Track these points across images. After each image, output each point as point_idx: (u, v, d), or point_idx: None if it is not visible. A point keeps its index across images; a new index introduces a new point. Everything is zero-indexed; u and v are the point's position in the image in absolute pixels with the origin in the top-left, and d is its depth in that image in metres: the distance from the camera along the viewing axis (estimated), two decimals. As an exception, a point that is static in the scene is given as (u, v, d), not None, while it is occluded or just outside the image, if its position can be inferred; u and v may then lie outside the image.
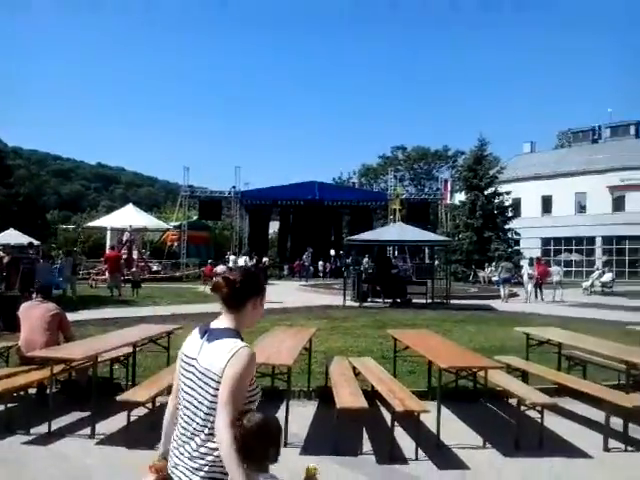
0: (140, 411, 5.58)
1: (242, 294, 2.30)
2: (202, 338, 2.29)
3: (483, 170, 38.87)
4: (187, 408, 2.25)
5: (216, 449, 2.11)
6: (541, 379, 6.78)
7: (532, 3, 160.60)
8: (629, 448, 5.34)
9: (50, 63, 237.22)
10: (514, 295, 23.07)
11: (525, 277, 23.31)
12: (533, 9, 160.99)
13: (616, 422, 5.46)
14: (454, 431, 5.76)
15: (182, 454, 2.21)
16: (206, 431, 2.16)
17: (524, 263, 27.94)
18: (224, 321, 2.31)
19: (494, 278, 31.66)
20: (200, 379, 2.21)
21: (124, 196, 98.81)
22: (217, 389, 2.14)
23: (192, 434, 2.20)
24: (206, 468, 2.14)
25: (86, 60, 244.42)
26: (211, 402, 2.16)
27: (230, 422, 2.08)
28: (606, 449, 5.34)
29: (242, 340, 2.22)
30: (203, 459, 2.15)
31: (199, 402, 2.20)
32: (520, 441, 5.37)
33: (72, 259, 19.86)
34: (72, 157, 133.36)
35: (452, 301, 18.78)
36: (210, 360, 2.19)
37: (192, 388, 2.24)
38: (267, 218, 44.87)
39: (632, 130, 54.42)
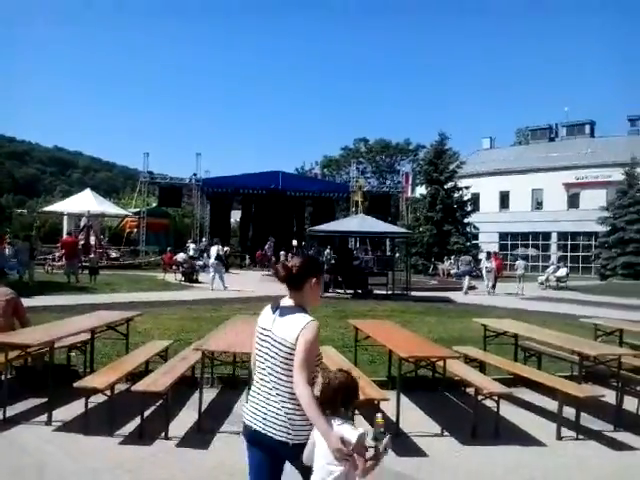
0: (98, 398, 5.50)
1: (299, 278, 2.86)
2: (274, 313, 2.84)
3: (443, 164, 39.38)
4: (263, 369, 2.79)
5: (288, 404, 2.67)
6: (498, 369, 6.95)
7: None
8: (580, 436, 5.53)
9: (8, 39, 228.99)
10: (473, 288, 23.52)
11: (484, 270, 24.10)
12: (493, 6, 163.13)
13: (569, 412, 5.62)
14: (413, 419, 5.86)
15: (259, 406, 2.76)
16: (280, 389, 2.70)
17: (482, 257, 28.47)
18: (291, 300, 2.87)
19: (453, 271, 32.30)
20: (274, 346, 2.75)
21: (81, 181, 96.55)
22: (290, 354, 2.68)
23: (268, 393, 2.74)
24: (282, 418, 2.67)
25: (44, 37, 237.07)
26: (284, 365, 2.70)
27: (308, 380, 2.60)
28: (559, 437, 5.51)
29: (309, 315, 2.77)
30: (280, 411, 2.69)
31: (274, 364, 2.74)
32: (477, 429, 5.50)
33: (29, 244, 19.31)
34: (27, 139, 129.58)
35: (412, 293, 19.02)
36: (284, 331, 2.73)
37: (267, 354, 2.78)
38: (229, 207, 44.47)
39: (587, 129, 55.91)
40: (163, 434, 5.15)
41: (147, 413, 5.43)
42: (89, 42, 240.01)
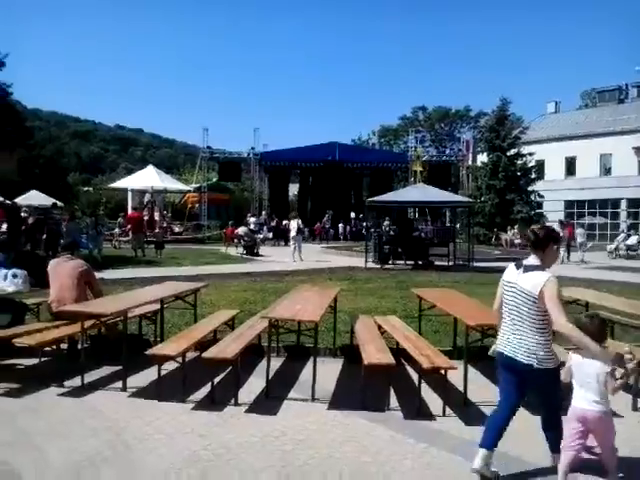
0: (170, 365, 5.67)
1: (543, 242, 3.82)
2: (517, 270, 3.88)
3: (505, 131, 38.16)
4: (511, 312, 3.87)
5: (532, 338, 3.73)
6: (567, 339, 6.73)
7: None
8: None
9: (69, 23, 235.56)
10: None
11: None
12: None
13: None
14: (480, 389, 5.77)
15: (510, 338, 3.85)
16: (525, 327, 3.76)
17: (554, 225, 27.62)
18: (533, 260, 3.84)
19: (517, 241, 31.48)
20: (520, 296, 3.77)
21: (143, 158, 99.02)
22: (533, 302, 3.69)
23: (517, 328, 3.81)
24: (527, 347, 3.74)
25: (103, 21, 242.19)
26: (528, 309, 3.74)
27: (566, 317, 3.57)
28: (635, 408, 5.32)
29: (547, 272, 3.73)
30: (526, 342, 3.75)
31: (521, 310, 3.78)
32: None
33: (95, 219, 20.05)
34: (91, 119, 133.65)
35: (474, 264, 18.67)
36: (528, 284, 3.73)
37: (514, 302, 3.83)
38: (287, 180, 44.70)
39: (661, 89, 52.83)
40: (233, 400, 5.27)
41: (217, 380, 5.56)
42: (146, 22, 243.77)
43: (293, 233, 22.13)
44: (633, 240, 26.80)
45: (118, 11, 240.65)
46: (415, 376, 5.73)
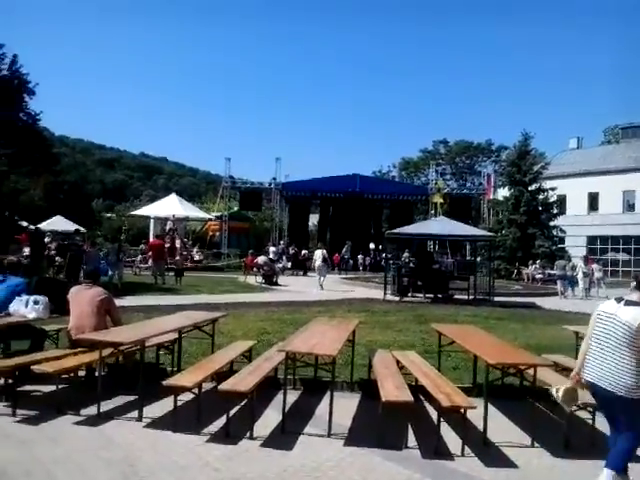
0: (186, 396, 5.64)
1: None
2: (619, 304, 4.21)
3: (527, 165, 38.00)
4: (607, 341, 4.16)
5: (627, 370, 4.01)
6: None
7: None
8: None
9: (92, 55, 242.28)
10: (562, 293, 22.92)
11: (580, 274, 23.95)
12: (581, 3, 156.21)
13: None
14: (501, 429, 5.65)
15: (604, 370, 4.12)
16: (625, 359, 4.02)
17: (578, 261, 27.50)
18: (635, 296, 4.23)
19: (538, 275, 31.13)
20: (618, 327, 4.09)
21: (166, 186, 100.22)
22: (631, 334, 4.01)
23: (614, 360, 4.07)
24: (627, 380, 4.00)
25: (131, 52, 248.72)
26: (626, 340, 4.03)
27: None
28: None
29: None
30: (625, 375, 4.01)
31: (617, 340, 4.08)
32: (570, 441, 5.22)
33: (118, 246, 20.22)
34: (116, 146, 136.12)
35: (495, 298, 18.44)
36: (628, 317, 4.06)
37: (610, 332, 4.15)
38: (307, 210, 44.89)
39: (684, 126, 52.42)
40: (248, 433, 5.22)
41: (233, 412, 5.52)
42: (172, 52, 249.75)
43: (319, 262, 22.37)
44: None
45: (142, 42, 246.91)
46: (434, 414, 5.63)
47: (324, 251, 23.17)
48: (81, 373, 6.44)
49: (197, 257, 33.26)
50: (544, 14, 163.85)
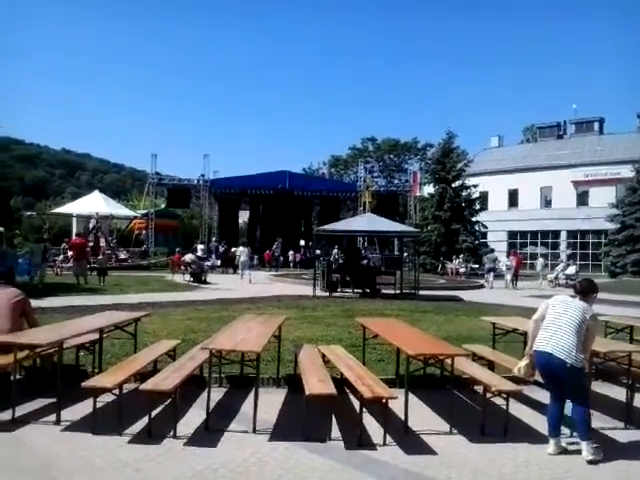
0: (107, 398, 5.50)
1: (588, 292, 5.27)
2: (573, 298, 5.16)
3: (451, 163, 39.27)
4: (564, 323, 4.99)
5: (578, 344, 4.90)
6: (507, 368, 6.89)
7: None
8: (574, 434, 5.45)
9: (14, 43, 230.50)
10: (481, 286, 23.87)
11: (503, 267, 25.89)
12: (499, 5, 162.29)
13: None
14: (421, 417, 5.83)
15: (560, 343, 4.90)
16: (575, 336, 4.90)
17: (500, 255, 29.04)
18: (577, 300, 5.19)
19: (461, 269, 32.27)
20: (576, 312, 5.01)
21: (90, 183, 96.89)
22: (583, 319, 4.96)
23: (569, 337, 4.90)
24: (576, 352, 4.85)
25: (50, 39, 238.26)
26: (578, 323, 4.94)
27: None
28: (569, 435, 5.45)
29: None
30: (574, 348, 4.86)
31: (573, 322, 4.96)
32: (486, 427, 5.46)
33: (43, 246, 19.32)
34: (36, 142, 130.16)
35: (420, 292, 18.95)
36: (582, 307, 5.06)
37: (568, 314, 5.02)
38: (237, 207, 44.60)
39: (596, 126, 55.49)
40: (171, 433, 5.15)
41: (155, 412, 5.43)
42: (94, 45, 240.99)
43: (243, 258, 24.75)
44: (572, 270, 27.84)
45: (65, 32, 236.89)
46: (358, 406, 5.74)
47: (248, 248, 25.89)
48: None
49: (122, 256, 32.39)
50: (463, 22, 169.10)
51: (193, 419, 5.59)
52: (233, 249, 33.37)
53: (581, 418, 4.94)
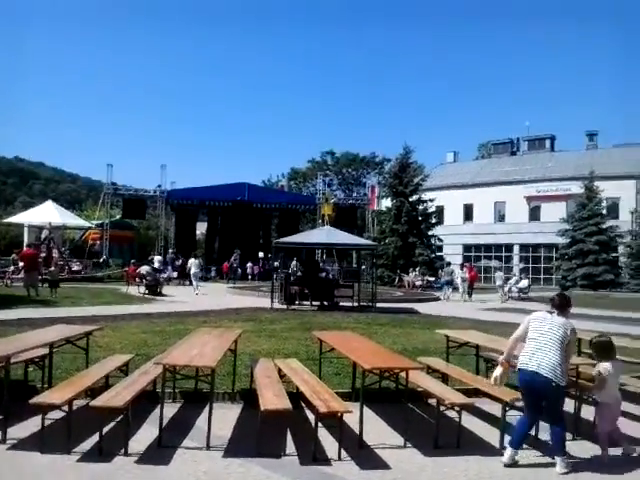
0: (56, 414, 5.35)
1: (565, 307, 5.41)
2: (551, 315, 5.27)
3: (408, 177, 39.85)
4: (545, 340, 5.07)
5: (562, 361, 5.00)
6: (460, 381, 7.01)
7: (455, 19, 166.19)
8: (524, 446, 5.59)
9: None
10: (437, 299, 24.34)
11: (459, 280, 26.22)
12: (454, 24, 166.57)
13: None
14: (376, 431, 5.87)
15: (544, 360, 4.97)
16: (558, 352, 4.99)
17: (456, 268, 29.58)
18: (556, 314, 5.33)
19: (417, 282, 32.68)
20: (556, 328, 5.11)
21: (43, 192, 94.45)
22: (565, 335, 5.06)
23: (552, 354, 4.98)
24: (559, 369, 4.95)
25: (5, 46, 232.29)
26: (560, 340, 5.04)
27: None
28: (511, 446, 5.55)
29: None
30: (558, 366, 4.94)
31: (555, 338, 5.05)
32: (439, 440, 5.52)
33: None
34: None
35: (378, 304, 19.09)
36: (562, 323, 5.15)
37: (550, 331, 5.11)
38: (194, 218, 44.15)
39: (547, 144, 57.40)
40: (123, 450, 5.03)
41: (106, 429, 5.31)
42: (46, 53, 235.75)
43: (194, 269, 25.59)
44: (524, 283, 28.51)
45: (18, 38, 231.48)
46: (313, 420, 5.73)
47: (199, 259, 27.68)
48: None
49: (75, 267, 31.60)
50: (418, 39, 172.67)
51: (145, 436, 5.48)
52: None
53: (559, 435, 5.07)
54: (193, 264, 25.92)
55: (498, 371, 5.57)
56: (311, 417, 6.06)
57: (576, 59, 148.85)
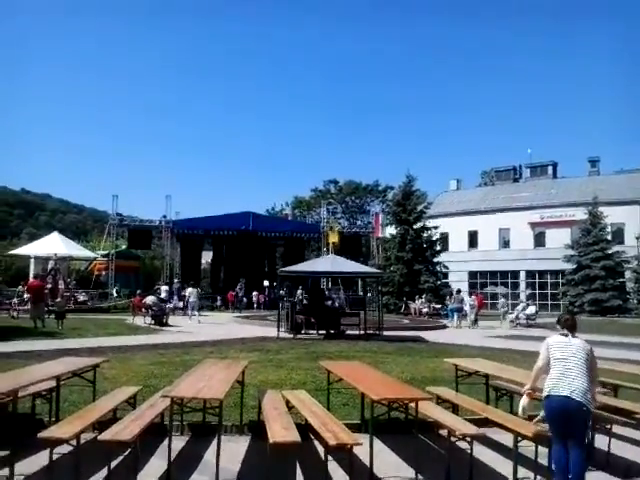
0: (64, 448, 5.32)
1: (575, 326, 5.37)
2: (567, 337, 5.21)
3: (411, 205, 40.00)
4: (572, 364, 4.99)
5: (590, 384, 4.96)
6: (470, 411, 6.94)
7: (454, 48, 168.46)
8: (538, 477, 5.51)
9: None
10: (444, 327, 24.26)
11: (467, 307, 26.30)
12: (457, 49, 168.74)
13: (542, 451, 5.59)
14: (387, 463, 5.80)
15: (574, 385, 4.88)
16: (586, 376, 4.94)
17: (465, 295, 29.66)
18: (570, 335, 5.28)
19: (424, 309, 32.54)
20: (580, 351, 5.06)
21: (49, 224, 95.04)
22: (588, 356, 5.05)
23: (581, 377, 4.92)
24: (589, 393, 4.90)
25: (9, 79, 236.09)
26: (586, 362, 5.01)
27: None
28: (514, 477, 5.48)
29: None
30: (588, 390, 4.90)
31: (581, 361, 5.00)
32: (451, 472, 5.45)
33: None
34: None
35: (385, 332, 19.01)
36: (582, 345, 5.14)
37: (574, 355, 5.03)
38: (199, 248, 44.25)
39: (550, 170, 57.59)
40: (131, 485, 4.99)
41: (115, 463, 5.27)
42: (51, 84, 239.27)
43: (192, 299, 26.11)
44: (532, 310, 28.35)
45: (22, 69, 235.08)
46: (322, 452, 5.67)
47: (197, 289, 28.24)
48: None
49: (82, 298, 31.66)
50: (423, 71, 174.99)
51: (154, 469, 5.44)
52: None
53: (584, 463, 4.96)
54: (192, 293, 26.27)
55: (524, 401, 5.46)
56: (320, 449, 6.00)
57: (575, 88, 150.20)
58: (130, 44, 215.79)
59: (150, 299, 23.79)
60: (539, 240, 50.85)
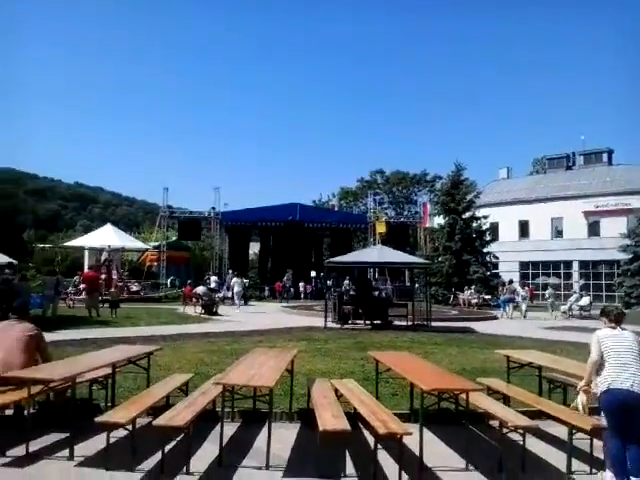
0: (120, 433, 5.49)
1: (622, 318, 5.33)
2: (615, 330, 5.21)
3: (460, 195, 39.31)
4: (630, 357, 4.94)
5: None
6: (522, 403, 6.80)
7: (507, 35, 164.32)
8: (594, 470, 5.37)
9: (26, 79, 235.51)
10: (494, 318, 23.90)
11: (519, 298, 26.20)
12: (506, 42, 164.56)
13: (597, 444, 5.45)
14: (437, 454, 5.75)
15: (636, 377, 4.81)
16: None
17: (517, 286, 29.23)
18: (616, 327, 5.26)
19: (473, 300, 32.03)
20: (634, 342, 5.06)
21: (102, 216, 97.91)
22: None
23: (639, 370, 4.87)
24: None
25: (63, 78, 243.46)
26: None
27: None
28: (569, 471, 5.34)
29: None
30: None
31: (637, 352, 4.99)
32: (502, 463, 5.37)
33: (55, 279, 19.39)
34: (49, 176, 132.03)
35: (433, 323, 18.83)
36: (633, 337, 5.16)
37: (630, 347, 5.02)
38: (247, 239, 44.76)
39: (605, 157, 55.60)
40: (184, 469, 5.11)
41: (168, 447, 5.40)
42: (106, 80, 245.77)
43: (237, 288, 27.11)
44: (585, 301, 27.53)
45: (77, 68, 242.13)
46: (372, 441, 5.67)
47: (241, 278, 29.13)
48: (9, 412, 6.16)
49: (134, 288, 32.48)
50: (472, 57, 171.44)
51: (206, 454, 5.54)
52: (245, 281, 33.51)
53: None
54: (236, 283, 27.17)
55: (583, 398, 5.35)
56: (369, 438, 6.00)
57: (632, 71, 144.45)
58: (181, 39, 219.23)
59: (200, 289, 24.23)
60: (593, 229, 49.26)
